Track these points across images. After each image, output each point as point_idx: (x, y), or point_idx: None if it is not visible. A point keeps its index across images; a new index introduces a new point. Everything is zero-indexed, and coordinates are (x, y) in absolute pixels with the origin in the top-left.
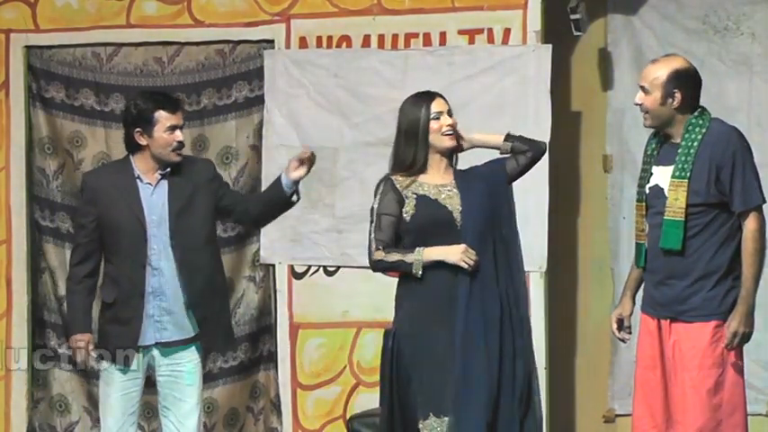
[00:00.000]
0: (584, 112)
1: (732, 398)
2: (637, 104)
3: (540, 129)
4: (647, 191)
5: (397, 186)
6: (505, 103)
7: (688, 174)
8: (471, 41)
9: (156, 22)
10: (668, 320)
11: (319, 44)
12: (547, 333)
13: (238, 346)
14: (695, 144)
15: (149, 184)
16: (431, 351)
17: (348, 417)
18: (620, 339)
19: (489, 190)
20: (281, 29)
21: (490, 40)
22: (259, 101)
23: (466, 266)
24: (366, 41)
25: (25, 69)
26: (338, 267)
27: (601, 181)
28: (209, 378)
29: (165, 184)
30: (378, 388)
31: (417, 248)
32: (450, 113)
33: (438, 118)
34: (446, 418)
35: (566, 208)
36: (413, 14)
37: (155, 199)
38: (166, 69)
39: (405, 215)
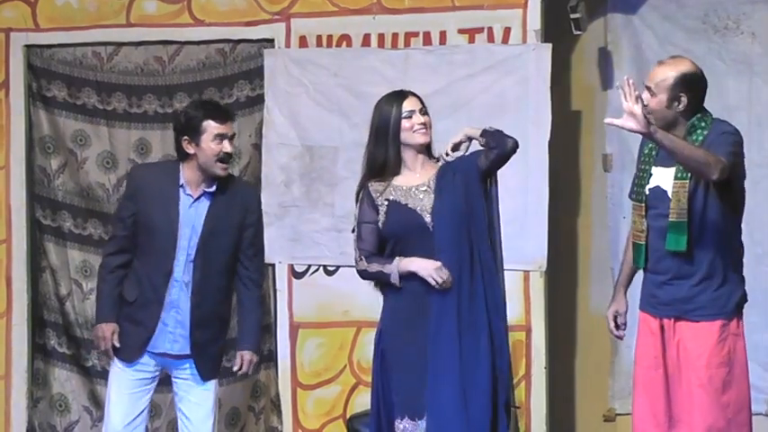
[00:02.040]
0: (584, 111)
1: (739, 396)
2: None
3: (539, 128)
4: (648, 192)
5: (372, 194)
6: (505, 103)
7: (689, 174)
8: (471, 40)
9: (157, 21)
10: (672, 320)
11: (319, 43)
12: (547, 332)
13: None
14: (696, 145)
15: (191, 195)
16: (406, 353)
17: (348, 416)
18: (617, 337)
19: (465, 187)
20: (281, 28)
21: (490, 39)
22: (260, 100)
23: (434, 284)
24: (366, 41)
25: (25, 68)
26: (338, 267)
27: (601, 180)
28: None
29: (206, 201)
30: None
31: (396, 258)
32: (423, 112)
33: (410, 117)
34: (420, 422)
35: (566, 207)
36: (413, 13)
37: (192, 213)
38: (167, 68)
39: (379, 223)
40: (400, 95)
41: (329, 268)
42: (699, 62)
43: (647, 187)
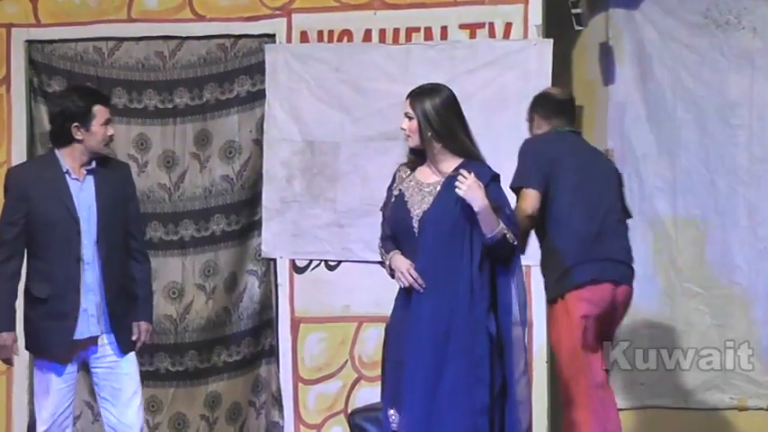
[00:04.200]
0: (585, 106)
1: None
2: None
3: None
4: None
5: (396, 179)
6: (507, 98)
7: None
8: (473, 36)
9: (158, 16)
10: None
11: (320, 38)
12: (548, 327)
13: (241, 341)
14: None
15: (77, 179)
16: (395, 347)
17: (349, 411)
18: None
19: (459, 201)
20: (282, 23)
21: (491, 34)
22: (261, 95)
23: (400, 284)
24: (367, 36)
25: (26, 64)
26: (339, 262)
27: None
28: (213, 372)
29: (91, 179)
30: (380, 382)
31: (393, 251)
32: (408, 116)
33: (404, 118)
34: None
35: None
36: (414, 9)
37: (83, 194)
38: (168, 64)
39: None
40: (407, 95)
41: (330, 263)
42: (700, 57)
43: None
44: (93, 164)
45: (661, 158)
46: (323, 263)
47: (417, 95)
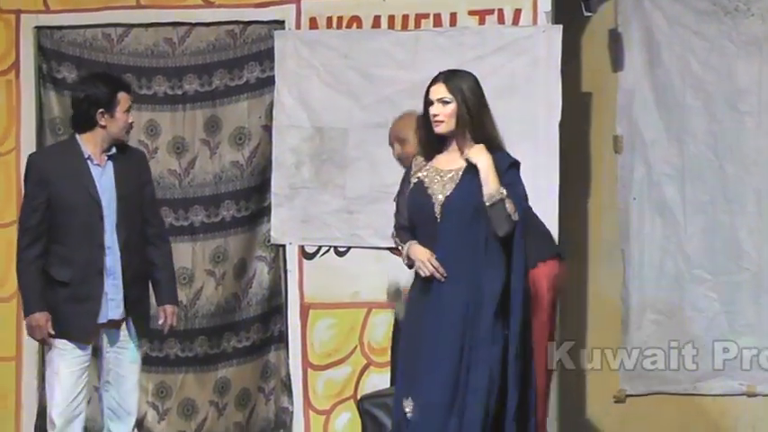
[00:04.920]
0: (594, 92)
1: None
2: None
3: (550, 110)
4: None
5: (413, 168)
6: (516, 84)
7: None
8: (482, 22)
9: (167, 2)
10: None
11: (329, 25)
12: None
13: (250, 326)
14: None
15: (98, 165)
16: (412, 336)
17: (359, 397)
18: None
19: (481, 188)
20: (292, 9)
21: (500, 20)
22: (271, 81)
23: (421, 273)
24: (376, 22)
25: (35, 50)
26: (349, 248)
27: (611, 162)
28: (223, 358)
29: (111, 165)
30: (389, 368)
31: (410, 241)
32: (444, 101)
33: (431, 104)
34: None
35: (576, 189)
36: None
37: (104, 180)
38: (177, 50)
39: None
40: (433, 79)
41: (340, 249)
42: (709, 44)
43: None
44: (114, 150)
45: (670, 145)
46: (332, 249)
47: (452, 79)
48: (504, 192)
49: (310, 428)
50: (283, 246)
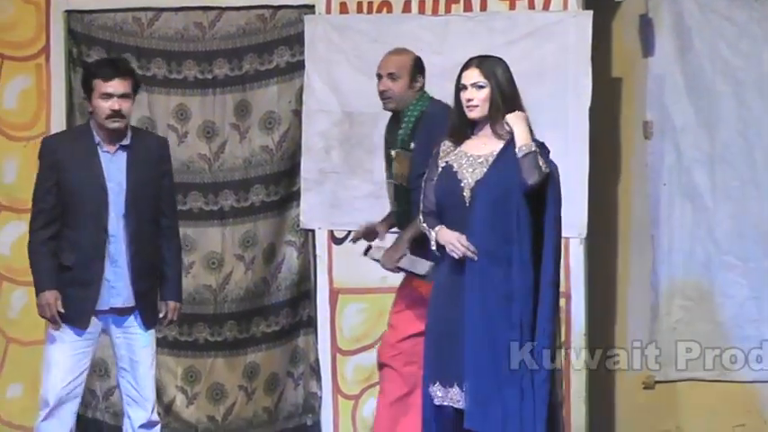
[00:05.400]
0: (624, 78)
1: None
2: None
3: (579, 95)
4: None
5: (440, 153)
6: (546, 70)
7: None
8: (512, 7)
9: None
10: None
11: (359, 9)
12: (586, 299)
13: (279, 311)
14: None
15: (108, 152)
16: (441, 321)
17: None
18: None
19: (514, 173)
20: None
21: (531, 5)
22: (300, 66)
23: (453, 255)
24: (406, 7)
25: (66, 34)
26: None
27: (641, 147)
28: (252, 343)
29: (123, 153)
30: None
31: (439, 226)
32: (478, 85)
33: (464, 89)
34: (451, 389)
35: (606, 174)
36: None
37: (114, 167)
38: (207, 34)
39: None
40: (464, 65)
41: None
42: (739, 29)
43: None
44: (128, 140)
45: (699, 131)
46: None
47: (486, 64)
48: (536, 147)
49: (339, 413)
50: (312, 230)
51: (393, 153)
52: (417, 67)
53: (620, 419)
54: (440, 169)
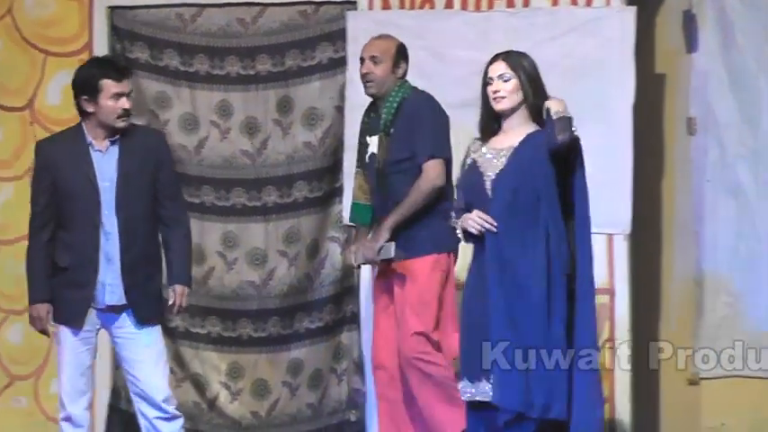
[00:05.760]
0: (668, 74)
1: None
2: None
3: (623, 91)
4: (367, 159)
5: (470, 150)
6: (589, 66)
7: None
8: (554, 3)
9: None
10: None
11: (402, 5)
12: (631, 296)
13: (323, 307)
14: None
15: (100, 150)
16: (469, 315)
17: None
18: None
19: (533, 160)
20: None
21: (573, 1)
22: (343, 62)
23: (472, 230)
24: (449, 3)
25: (109, 30)
26: None
27: (684, 143)
28: (295, 339)
29: (115, 150)
30: None
31: (465, 215)
32: (504, 77)
33: (490, 83)
34: (477, 384)
35: (649, 170)
36: None
37: (106, 164)
38: (250, 30)
39: None
40: (491, 60)
41: None
42: None
43: (367, 155)
44: (118, 135)
45: (743, 126)
46: None
47: (511, 57)
48: (568, 117)
49: None
50: (355, 226)
51: (375, 138)
52: (400, 54)
53: (664, 416)
54: (466, 166)
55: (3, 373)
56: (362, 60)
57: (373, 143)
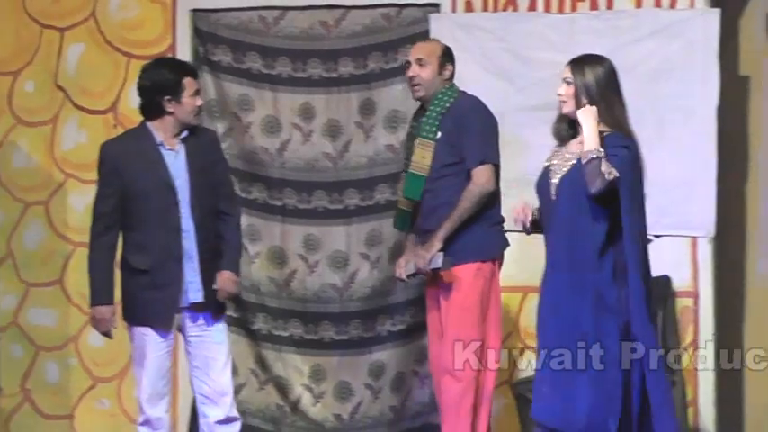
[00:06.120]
0: (752, 76)
1: None
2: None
3: (707, 93)
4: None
5: (549, 157)
6: (672, 68)
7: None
8: (638, 5)
9: None
10: None
11: (485, 8)
12: (715, 299)
13: (405, 310)
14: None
15: (171, 149)
16: (540, 322)
17: (514, 381)
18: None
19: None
20: None
21: (657, 3)
22: None
23: (518, 226)
24: (532, 5)
25: (192, 33)
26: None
27: None
28: (376, 341)
29: (183, 149)
30: None
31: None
32: (567, 81)
33: (561, 85)
34: None
35: (734, 174)
36: None
37: (178, 164)
38: (332, 33)
39: None
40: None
41: None
42: None
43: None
44: (186, 133)
45: None
46: None
47: (578, 63)
48: (603, 152)
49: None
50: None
51: (416, 142)
52: (446, 56)
53: (748, 421)
54: (541, 172)
55: (86, 375)
56: (408, 64)
57: (418, 146)
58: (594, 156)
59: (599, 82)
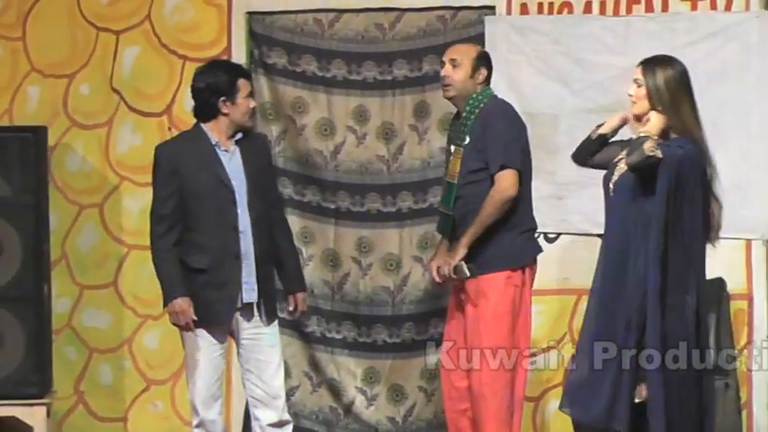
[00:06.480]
0: None
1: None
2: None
3: (762, 96)
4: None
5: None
6: (727, 71)
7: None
8: (694, 8)
9: None
10: None
11: (540, 10)
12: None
13: None
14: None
15: (226, 150)
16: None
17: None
18: None
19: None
20: None
21: (713, 6)
22: None
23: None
24: (587, 8)
25: (247, 35)
26: (558, 234)
27: None
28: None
29: (237, 150)
30: None
31: None
32: (638, 83)
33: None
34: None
35: None
36: None
37: (233, 165)
38: (387, 35)
39: None
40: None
41: (549, 236)
42: None
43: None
44: (240, 135)
45: None
46: (542, 235)
47: (650, 64)
48: (656, 137)
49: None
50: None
51: (452, 149)
52: (481, 59)
53: None
54: (611, 165)
55: (140, 377)
56: (443, 64)
57: (452, 154)
58: (646, 136)
59: (669, 84)
